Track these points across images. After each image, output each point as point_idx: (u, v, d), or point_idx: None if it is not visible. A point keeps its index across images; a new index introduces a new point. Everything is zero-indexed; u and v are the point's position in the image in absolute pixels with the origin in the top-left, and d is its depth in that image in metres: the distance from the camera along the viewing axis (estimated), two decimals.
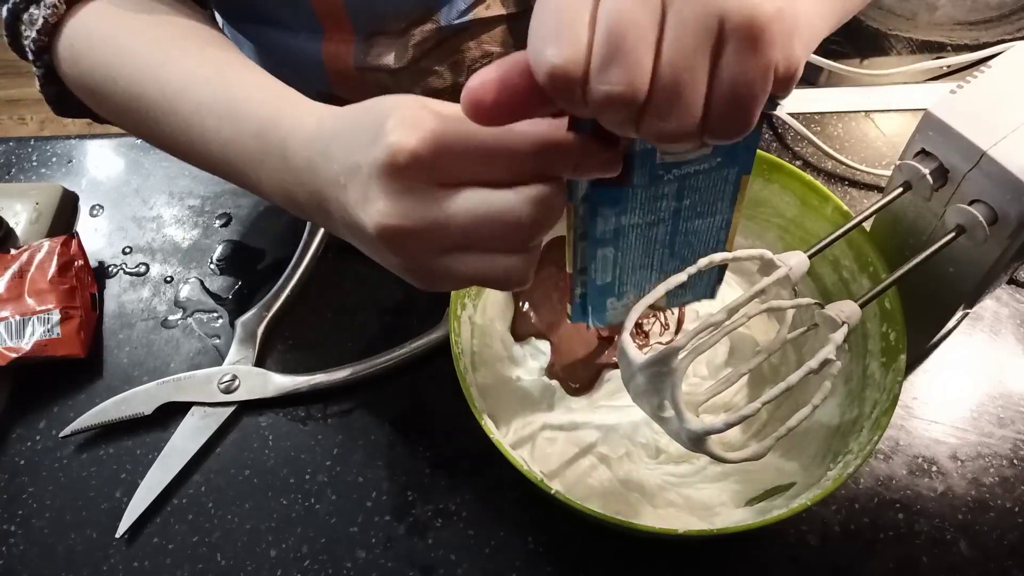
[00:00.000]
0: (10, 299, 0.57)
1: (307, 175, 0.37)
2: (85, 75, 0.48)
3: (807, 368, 0.38)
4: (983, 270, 0.45)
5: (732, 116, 0.27)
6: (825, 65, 0.74)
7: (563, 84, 0.26)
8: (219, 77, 0.43)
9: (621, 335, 0.41)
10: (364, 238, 0.34)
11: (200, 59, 0.45)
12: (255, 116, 0.41)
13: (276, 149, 0.39)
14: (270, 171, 0.40)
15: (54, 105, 0.53)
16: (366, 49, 0.59)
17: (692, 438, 0.38)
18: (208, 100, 0.43)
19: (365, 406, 0.56)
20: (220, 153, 0.43)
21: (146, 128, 0.47)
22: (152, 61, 0.45)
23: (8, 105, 1.95)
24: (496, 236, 0.32)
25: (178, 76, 0.44)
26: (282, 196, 0.40)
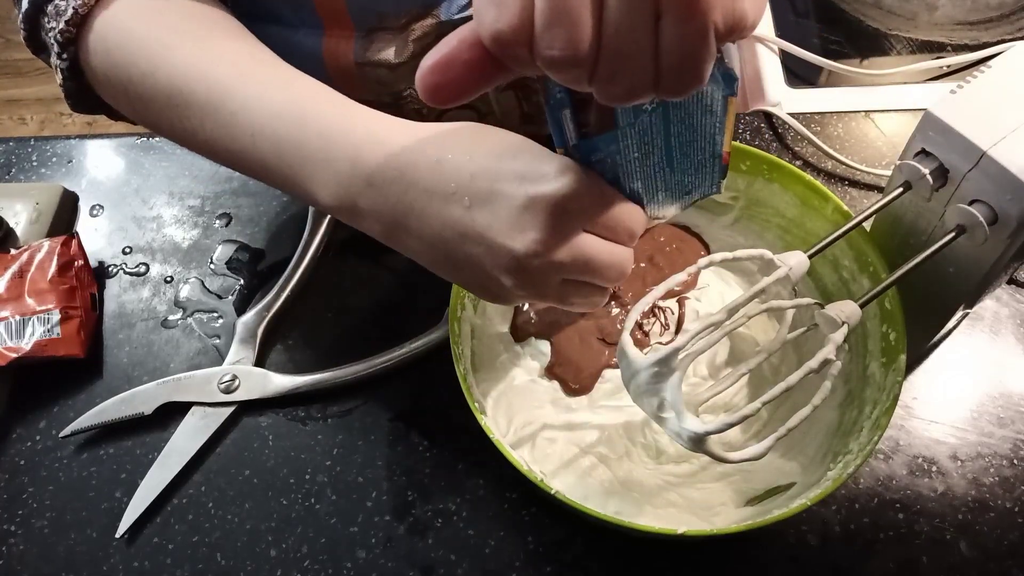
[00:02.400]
0: (10, 299, 0.57)
1: (392, 184, 0.39)
2: (120, 68, 0.47)
3: (807, 368, 0.38)
4: (983, 270, 0.45)
5: (680, 76, 0.28)
6: (825, 65, 0.74)
7: (509, 49, 0.28)
8: (273, 77, 0.44)
9: (621, 335, 0.41)
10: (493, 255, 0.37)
11: (250, 57, 0.45)
12: (322, 118, 0.41)
13: (347, 153, 0.40)
14: (333, 174, 0.41)
15: (73, 99, 0.52)
16: (366, 45, 0.59)
17: (692, 438, 0.38)
18: (262, 98, 0.43)
19: (365, 406, 0.56)
20: (271, 152, 0.43)
21: (181, 125, 0.46)
22: (198, 58, 0.45)
23: (8, 105, 1.95)
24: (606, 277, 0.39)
25: (227, 74, 0.44)
26: (339, 200, 0.41)
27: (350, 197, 0.41)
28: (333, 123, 0.41)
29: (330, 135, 0.41)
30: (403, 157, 0.39)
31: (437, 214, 0.38)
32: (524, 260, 0.37)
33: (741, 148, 0.54)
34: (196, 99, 0.45)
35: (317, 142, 0.41)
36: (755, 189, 0.56)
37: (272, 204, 0.66)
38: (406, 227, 0.39)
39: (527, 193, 0.36)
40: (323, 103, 0.43)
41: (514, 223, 0.36)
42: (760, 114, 0.70)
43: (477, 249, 0.38)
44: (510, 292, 0.39)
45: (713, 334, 0.40)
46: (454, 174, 0.37)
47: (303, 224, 0.63)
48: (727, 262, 0.42)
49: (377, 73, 0.61)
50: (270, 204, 0.66)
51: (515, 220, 0.36)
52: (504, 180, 0.37)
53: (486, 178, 0.37)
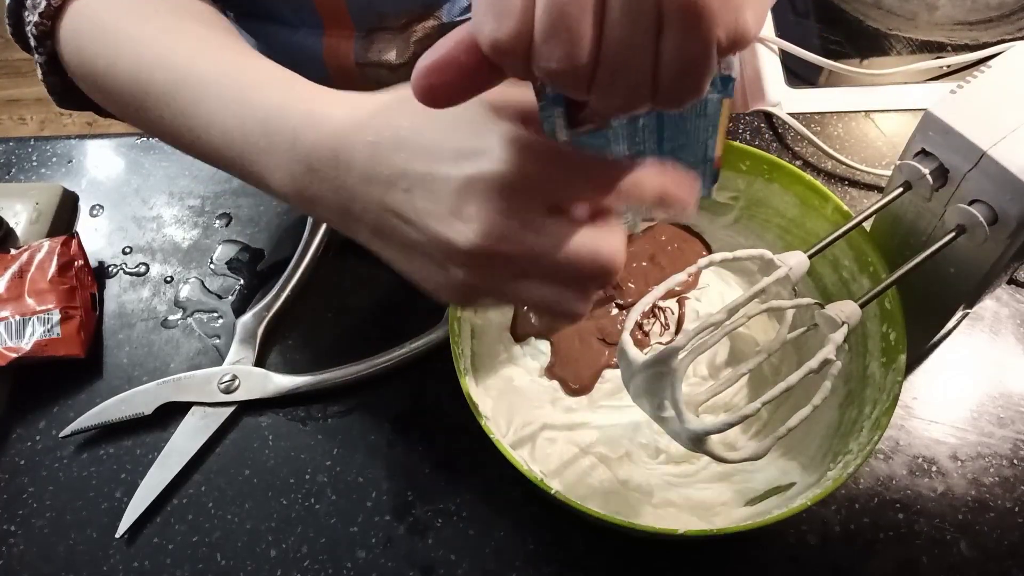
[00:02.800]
0: (10, 299, 0.57)
1: (330, 169, 0.36)
2: (88, 62, 0.46)
3: (807, 368, 0.38)
4: (983, 270, 0.45)
5: (679, 90, 0.27)
6: (825, 65, 0.74)
7: (508, 58, 0.27)
8: (227, 63, 0.42)
9: (621, 335, 0.41)
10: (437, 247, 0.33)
11: (209, 44, 0.43)
12: (264, 102, 0.39)
13: (286, 138, 0.37)
14: (278, 161, 0.38)
15: (56, 96, 0.51)
16: (367, 45, 0.59)
17: (692, 438, 0.38)
18: (213, 84, 0.41)
19: (365, 406, 0.56)
20: (222, 140, 0.41)
21: (147, 117, 0.45)
22: (159, 47, 0.43)
23: (8, 105, 1.95)
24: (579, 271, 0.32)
25: (183, 61, 0.42)
26: (289, 189, 0.38)
27: (297, 185, 0.38)
28: (273, 107, 0.38)
29: (269, 120, 0.38)
30: (337, 138, 0.35)
31: (378, 200, 0.34)
32: (468, 253, 0.32)
33: (741, 148, 0.54)
34: (154, 88, 0.43)
35: (259, 128, 0.38)
36: (755, 189, 0.56)
37: (272, 204, 0.66)
38: (353, 214, 0.36)
39: (464, 173, 0.31)
40: (268, 86, 0.40)
41: (454, 210, 0.32)
42: (760, 114, 0.70)
43: (419, 238, 0.33)
44: (462, 288, 0.34)
45: (713, 334, 0.41)
46: (389, 156, 0.34)
47: (303, 224, 0.63)
48: (727, 262, 0.42)
49: (378, 74, 0.61)
50: (270, 204, 0.66)
51: (454, 206, 0.32)
52: (442, 159, 0.32)
53: (423, 158, 0.33)
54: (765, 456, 0.39)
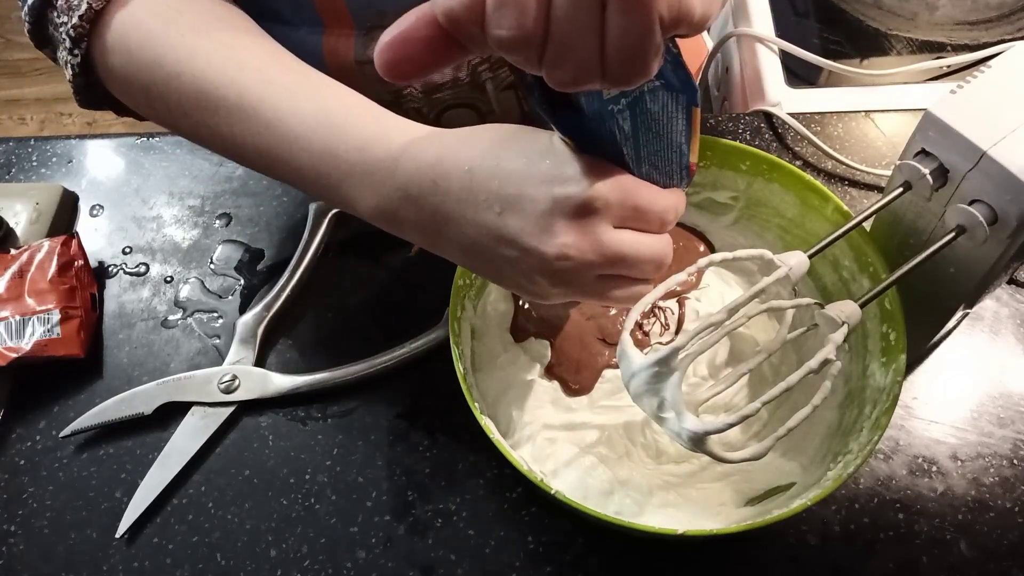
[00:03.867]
0: (10, 299, 0.57)
1: (428, 195, 0.40)
2: (143, 70, 0.47)
3: (807, 368, 0.38)
4: (983, 270, 0.45)
5: (625, 65, 0.29)
6: (825, 65, 0.74)
7: (462, 27, 0.29)
8: (306, 87, 0.44)
9: (621, 335, 0.41)
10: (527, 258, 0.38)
11: (278, 66, 0.46)
12: (358, 131, 0.42)
13: (385, 167, 0.41)
14: (373, 187, 0.42)
15: (81, 95, 0.52)
16: (367, 43, 0.59)
17: (692, 438, 0.38)
18: (297, 109, 0.43)
19: (365, 406, 0.56)
20: (308, 164, 0.43)
21: (208, 130, 0.47)
22: (224, 62, 0.45)
23: (8, 105, 1.95)
24: (643, 269, 0.40)
25: (257, 82, 0.44)
26: (379, 211, 0.42)
27: (390, 208, 0.42)
28: (369, 135, 0.42)
29: (366, 148, 0.42)
30: (437, 168, 0.39)
31: (472, 222, 0.39)
32: (555, 262, 0.38)
33: (741, 148, 0.54)
34: (226, 105, 0.45)
35: (355, 155, 0.42)
36: (755, 189, 0.56)
37: (272, 204, 0.66)
38: (445, 235, 0.40)
39: (552, 196, 0.37)
40: (356, 113, 0.43)
41: (543, 227, 0.37)
42: (760, 114, 0.70)
43: (512, 253, 0.39)
44: (549, 292, 0.40)
45: (713, 334, 0.40)
46: (484, 182, 0.38)
47: (303, 224, 0.63)
48: (727, 262, 0.42)
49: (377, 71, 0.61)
50: (270, 204, 0.66)
51: (543, 223, 0.37)
52: (530, 184, 0.37)
53: (513, 184, 0.38)
54: (765, 456, 0.39)
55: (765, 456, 0.39)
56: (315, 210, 0.63)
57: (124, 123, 1.88)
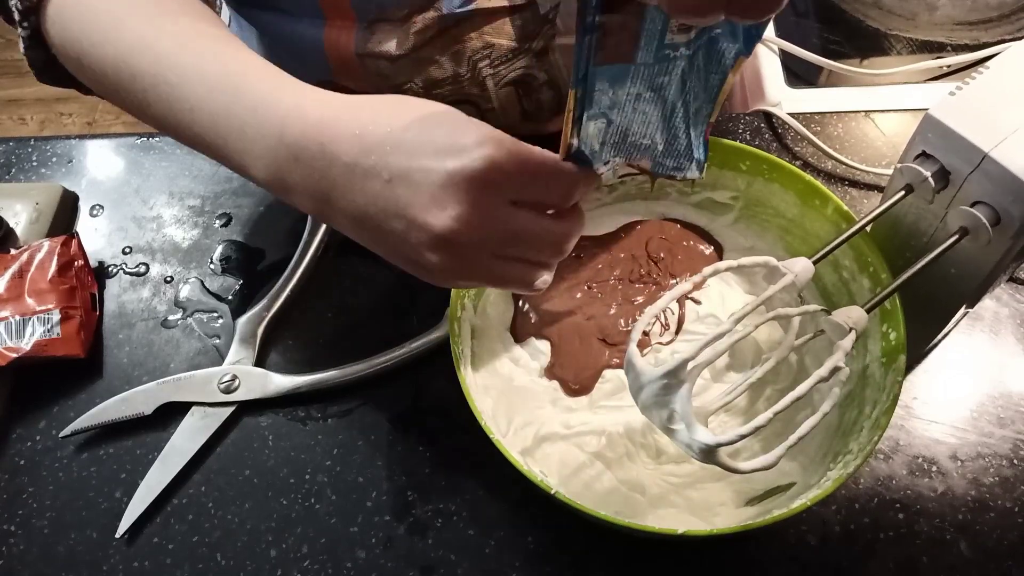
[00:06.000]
0: (10, 299, 0.57)
1: (316, 158, 0.38)
2: (73, 40, 0.47)
3: (817, 376, 0.38)
4: (985, 271, 0.45)
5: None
6: (825, 65, 0.74)
7: None
8: (213, 51, 0.43)
9: (628, 347, 0.41)
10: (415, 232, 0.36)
11: (195, 32, 0.45)
12: (252, 92, 0.41)
13: (273, 127, 0.39)
14: (263, 148, 0.40)
15: (38, 71, 0.52)
16: (367, 36, 0.59)
17: (703, 450, 0.38)
18: (199, 71, 0.42)
19: (365, 406, 0.56)
20: (207, 125, 0.42)
21: (133, 100, 0.46)
22: (146, 32, 0.44)
23: (8, 105, 1.94)
24: (540, 251, 0.38)
25: (169, 47, 0.44)
26: (270, 175, 0.41)
27: (280, 172, 0.40)
28: (262, 97, 0.40)
29: (257, 109, 0.40)
30: (325, 131, 0.38)
31: (360, 189, 0.37)
32: (445, 237, 0.36)
33: (741, 148, 0.54)
34: (140, 72, 0.44)
35: (247, 116, 0.40)
36: (755, 189, 0.56)
37: (272, 204, 0.66)
38: (333, 203, 0.39)
39: (445, 168, 0.35)
40: (256, 77, 0.42)
41: (433, 199, 0.35)
42: (760, 114, 0.70)
43: (399, 226, 0.37)
44: (438, 269, 0.38)
45: (720, 343, 0.40)
46: (374, 147, 0.37)
47: (303, 224, 0.63)
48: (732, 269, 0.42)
49: (377, 65, 0.61)
50: (270, 204, 0.66)
51: (434, 196, 0.35)
52: (422, 154, 0.36)
53: (405, 152, 0.36)
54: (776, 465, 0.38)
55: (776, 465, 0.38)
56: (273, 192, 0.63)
57: (124, 123, 1.88)
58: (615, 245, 0.58)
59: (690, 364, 0.38)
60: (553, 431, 0.51)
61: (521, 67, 0.64)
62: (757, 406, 0.52)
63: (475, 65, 0.62)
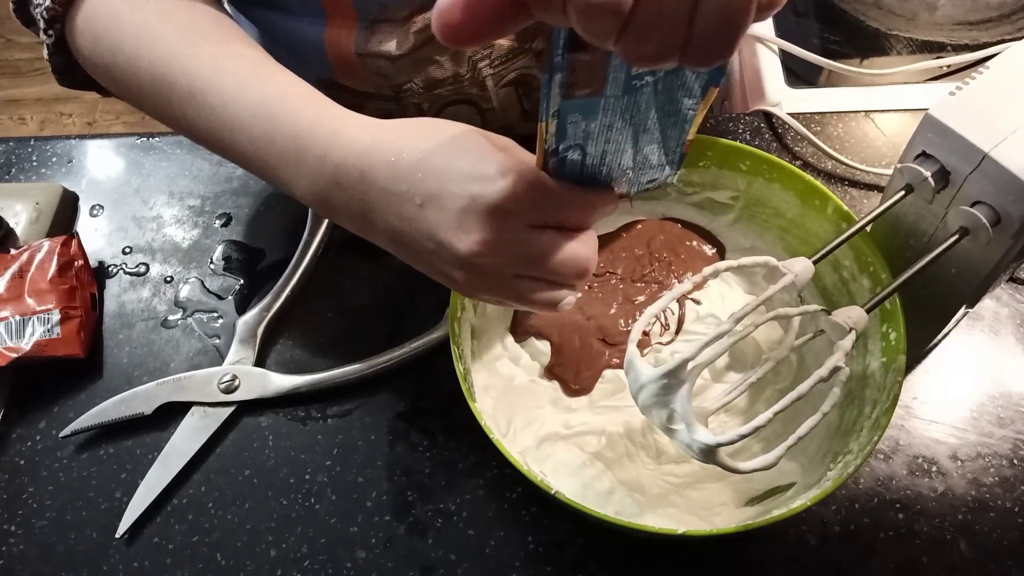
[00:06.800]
0: (10, 299, 0.57)
1: (354, 184, 0.41)
2: (105, 53, 0.49)
3: (817, 376, 0.38)
4: (985, 271, 0.45)
5: (711, 46, 0.27)
6: (825, 65, 0.74)
7: None
8: (253, 75, 0.45)
9: (628, 347, 0.41)
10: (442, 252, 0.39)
11: (231, 54, 0.46)
12: (294, 121, 0.43)
13: (316, 154, 0.42)
14: (306, 173, 0.43)
15: (60, 75, 0.54)
16: (368, 36, 0.59)
17: (703, 450, 0.38)
18: (236, 96, 0.45)
19: (365, 406, 0.56)
20: (248, 148, 0.45)
21: (169, 114, 0.48)
22: (181, 50, 0.46)
23: (8, 105, 1.94)
24: (562, 273, 0.40)
25: (208, 68, 0.45)
26: (312, 196, 0.44)
27: (322, 195, 0.43)
28: (303, 124, 0.43)
29: (299, 136, 0.43)
30: (364, 159, 0.40)
31: (395, 212, 0.40)
32: (469, 259, 0.38)
33: (741, 148, 0.54)
34: (177, 90, 0.46)
35: (289, 143, 0.43)
36: (755, 189, 0.56)
37: (272, 204, 0.66)
38: (372, 223, 0.42)
39: (470, 193, 0.37)
40: (295, 103, 0.44)
41: (459, 223, 0.38)
42: (760, 114, 0.70)
43: (431, 245, 0.39)
44: (468, 287, 0.41)
45: (720, 343, 0.40)
46: (407, 174, 0.39)
47: (303, 224, 0.63)
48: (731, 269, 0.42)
49: (377, 64, 0.61)
50: (270, 204, 0.66)
51: (459, 220, 0.38)
52: (450, 180, 0.38)
53: (434, 178, 0.38)
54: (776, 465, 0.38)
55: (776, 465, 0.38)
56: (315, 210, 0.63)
57: (124, 123, 1.88)
58: (616, 244, 0.58)
59: (690, 364, 0.38)
60: (553, 431, 0.51)
61: (521, 67, 0.64)
62: (757, 406, 0.52)
63: (475, 65, 0.62)
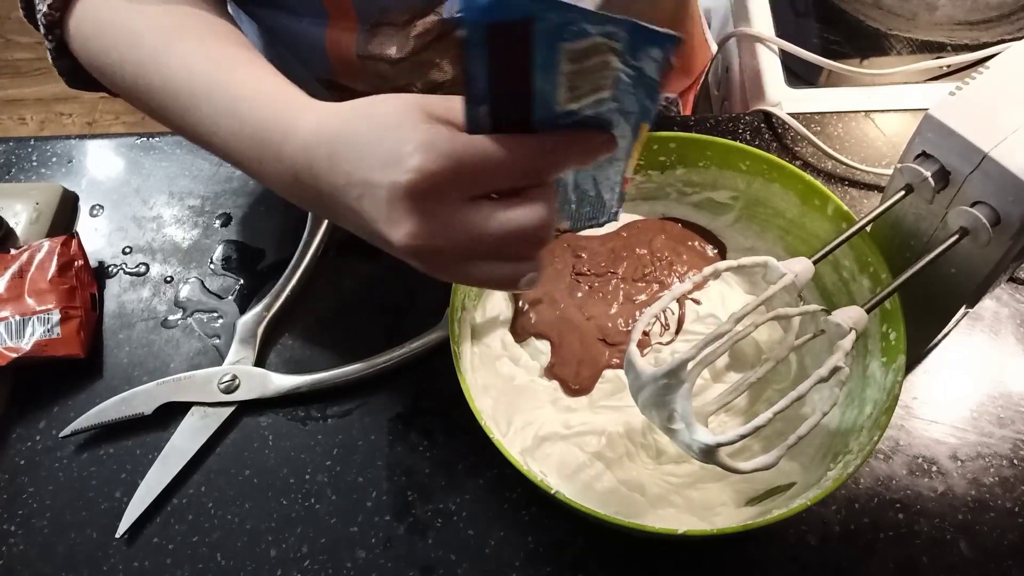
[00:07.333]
0: (10, 299, 0.57)
1: (308, 178, 0.39)
2: (94, 56, 0.50)
3: (817, 376, 0.38)
4: (985, 271, 0.45)
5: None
6: (825, 65, 0.74)
7: None
8: (218, 72, 0.45)
9: (628, 347, 0.41)
10: (387, 246, 0.36)
11: (200, 51, 0.46)
12: (254, 117, 0.42)
13: (273, 151, 0.41)
14: (270, 170, 0.42)
15: (67, 78, 0.55)
16: (368, 38, 0.60)
17: (703, 450, 0.38)
18: (206, 96, 0.44)
19: (365, 406, 0.56)
20: (222, 146, 0.45)
21: (154, 112, 0.49)
22: (155, 50, 0.47)
23: (8, 105, 1.94)
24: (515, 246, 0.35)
25: (178, 68, 0.46)
26: (284, 192, 0.43)
27: (288, 191, 0.42)
28: (262, 120, 0.42)
29: (256, 135, 0.42)
30: (310, 153, 0.38)
31: (343, 206, 0.37)
32: (406, 251, 0.35)
33: (741, 148, 0.54)
34: (158, 91, 0.47)
35: (255, 141, 0.42)
36: (755, 189, 0.56)
37: (272, 204, 0.66)
38: (336, 216, 0.40)
39: (390, 182, 0.34)
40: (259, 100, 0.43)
41: (388, 215, 0.35)
42: (760, 114, 0.70)
43: (377, 239, 0.37)
44: (426, 272, 0.37)
45: (720, 343, 0.40)
46: (341, 166, 0.37)
47: (303, 224, 0.63)
48: (731, 269, 0.42)
49: (378, 67, 0.61)
50: (270, 204, 0.66)
51: (388, 212, 0.35)
52: (371, 168, 0.35)
53: (361, 167, 0.36)
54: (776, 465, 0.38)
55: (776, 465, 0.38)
56: None
57: (124, 123, 1.88)
58: (617, 244, 0.58)
59: (690, 364, 0.38)
60: (553, 431, 0.51)
61: None
62: (757, 406, 0.52)
63: None
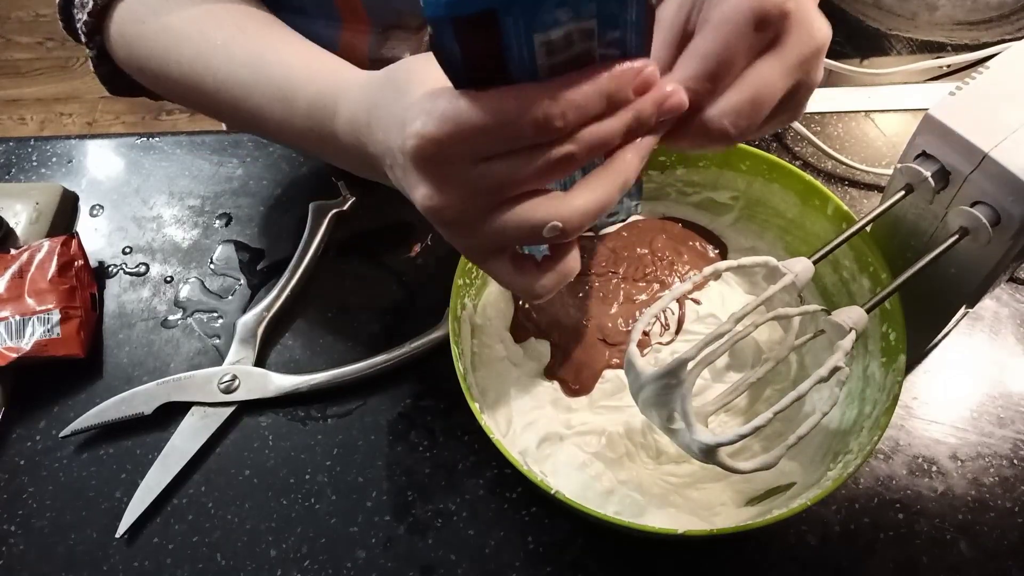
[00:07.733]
0: (10, 299, 0.57)
1: (362, 153, 0.40)
2: (142, 60, 0.51)
3: (817, 376, 0.38)
4: (985, 271, 0.45)
5: None
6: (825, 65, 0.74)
7: None
8: (262, 59, 0.47)
9: (628, 347, 0.41)
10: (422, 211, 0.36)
11: (242, 40, 0.48)
12: (303, 100, 0.44)
13: (328, 130, 0.43)
14: (330, 150, 0.44)
15: (108, 84, 0.56)
16: (381, 42, 0.60)
17: (703, 449, 0.38)
18: (254, 84, 0.46)
19: (365, 406, 0.56)
20: (276, 132, 0.47)
21: (206, 108, 0.51)
22: (200, 47, 0.48)
23: (8, 105, 1.94)
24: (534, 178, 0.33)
25: (225, 61, 0.47)
26: (351, 169, 0.46)
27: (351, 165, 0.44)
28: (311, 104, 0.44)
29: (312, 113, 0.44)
30: (355, 128, 0.40)
31: (384, 171, 0.38)
32: (427, 212, 0.34)
33: (741, 148, 0.54)
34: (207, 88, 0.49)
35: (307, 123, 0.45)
36: (755, 189, 0.56)
37: (272, 204, 0.66)
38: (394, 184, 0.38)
39: (400, 148, 0.34)
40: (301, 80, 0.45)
41: (407, 180, 0.35)
42: None
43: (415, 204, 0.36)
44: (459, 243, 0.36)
45: (720, 343, 0.40)
46: (377, 137, 0.37)
47: (303, 224, 0.63)
48: (731, 269, 0.42)
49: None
50: (270, 204, 0.66)
51: (406, 178, 0.35)
52: (391, 137, 0.35)
53: (389, 137, 0.35)
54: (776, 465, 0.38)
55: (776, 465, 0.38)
56: (315, 210, 0.63)
57: (124, 123, 1.88)
58: (618, 244, 0.58)
59: (690, 364, 0.38)
60: (553, 431, 0.51)
61: None
62: (757, 406, 0.52)
63: None
